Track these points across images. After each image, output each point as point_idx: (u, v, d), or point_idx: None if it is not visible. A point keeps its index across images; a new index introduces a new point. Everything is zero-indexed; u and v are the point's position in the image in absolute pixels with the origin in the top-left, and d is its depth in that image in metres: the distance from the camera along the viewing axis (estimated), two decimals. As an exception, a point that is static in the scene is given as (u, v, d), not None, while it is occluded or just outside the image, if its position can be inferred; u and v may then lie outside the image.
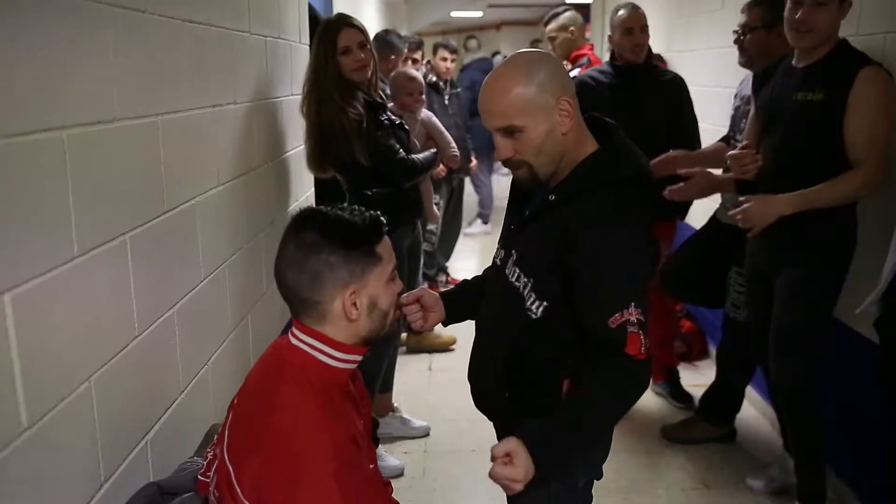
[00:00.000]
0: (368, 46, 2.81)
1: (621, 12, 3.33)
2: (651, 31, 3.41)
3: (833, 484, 2.72)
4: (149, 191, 1.62)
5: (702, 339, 4.18)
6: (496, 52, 14.14)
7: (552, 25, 4.09)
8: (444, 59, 5.26)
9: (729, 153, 2.55)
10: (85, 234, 1.31)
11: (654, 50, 5.28)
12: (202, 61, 1.95)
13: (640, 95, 3.26)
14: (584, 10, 11.44)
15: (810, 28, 2.27)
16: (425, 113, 3.60)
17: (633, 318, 1.37)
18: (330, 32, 2.77)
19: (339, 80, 2.74)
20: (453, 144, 3.65)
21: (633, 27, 3.28)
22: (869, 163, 2.23)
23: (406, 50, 4.24)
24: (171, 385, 1.73)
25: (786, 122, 2.37)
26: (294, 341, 1.37)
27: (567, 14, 4.09)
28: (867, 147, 2.22)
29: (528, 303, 1.51)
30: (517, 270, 1.55)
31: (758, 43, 2.77)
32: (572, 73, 4.03)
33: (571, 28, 4.07)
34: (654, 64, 3.51)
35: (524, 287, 1.53)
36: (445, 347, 4.20)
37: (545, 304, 1.50)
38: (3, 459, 1.07)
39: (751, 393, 3.46)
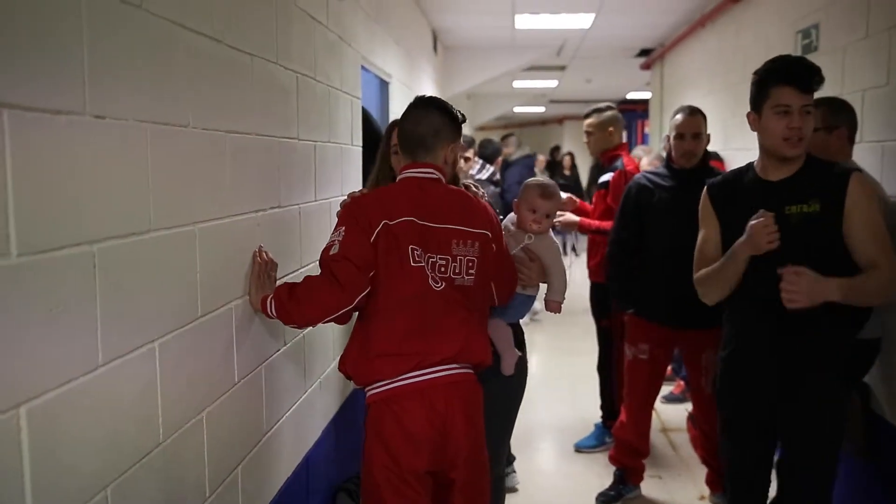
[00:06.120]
0: None
1: (677, 116, 3.32)
2: (708, 129, 3.39)
3: None
4: (182, 297, 1.65)
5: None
6: (556, 146, 14.33)
7: (591, 121, 4.11)
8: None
9: (752, 223, 2.26)
10: (111, 343, 1.34)
11: (712, 148, 5.27)
12: (245, 168, 2.02)
13: (694, 198, 3.22)
14: (643, 105, 11.57)
15: (803, 136, 2.23)
16: None
17: None
18: (388, 132, 2.75)
19: (391, 180, 2.74)
20: None
21: (685, 133, 3.26)
22: (886, 262, 2.20)
23: None
24: (196, 491, 1.72)
25: (782, 239, 2.22)
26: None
27: (608, 113, 4.10)
28: (880, 246, 2.21)
29: None
30: None
31: (818, 144, 2.71)
32: (605, 176, 4.02)
33: (610, 129, 4.07)
34: (710, 167, 3.45)
35: None
36: None
37: None
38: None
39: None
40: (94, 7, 1.30)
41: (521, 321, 2.58)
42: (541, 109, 17.26)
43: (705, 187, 2.52)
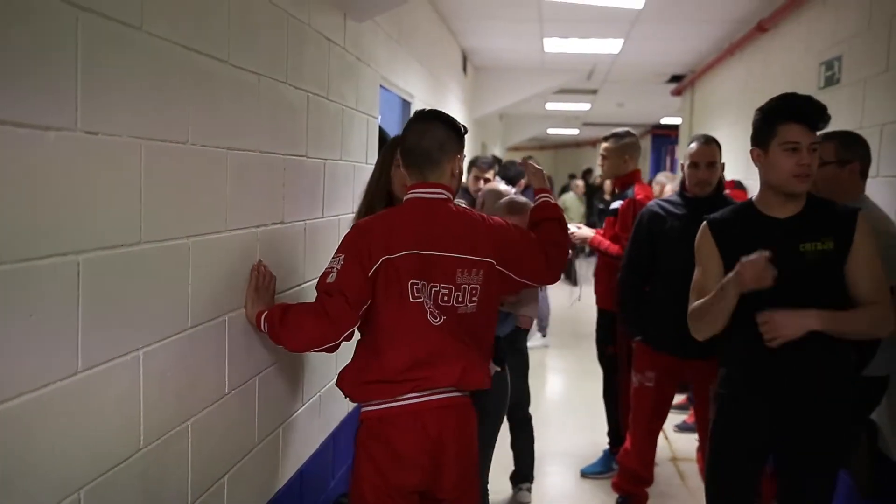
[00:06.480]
0: None
1: (692, 145, 3.30)
2: (732, 158, 3.37)
3: None
4: (171, 308, 1.70)
5: (774, 484, 3.89)
6: (588, 170, 14.25)
7: (608, 145, 4.08)
8: (477, 179, 4.77)
9: (743, 260, 2.20)
10: (92, 349, 1.39)
11: (736, 177, 5.23)
12: (246, 185, 2.07)
13: None
14: (676, 131, 11.50)
15: (811, 173, 2.22)
16: None
17: None
18: (393, 145, 2.66)
19: (388, 195, 2.66)
20: None
21: (699, 162, 3.24)
22: (883, 301, 2.21)
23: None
24: (178, 497, 1.76)
25: (794, 275, 2.20)
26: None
27: (627, 140, 4.07)
28: (877, 286, 2.23)
29: None
30: None
31: (829, 178, 2.69)
32: (615, 204, 4.01)
33: (626, 157, 4.04)
34: (724, 196, 3.43)
35: None
36: None
37: None
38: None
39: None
40: (90, 28, 1.36)
41: (535, 345, 2.61)
42: (574, 132, 17.25)
43: (706, 223, 2.47)
